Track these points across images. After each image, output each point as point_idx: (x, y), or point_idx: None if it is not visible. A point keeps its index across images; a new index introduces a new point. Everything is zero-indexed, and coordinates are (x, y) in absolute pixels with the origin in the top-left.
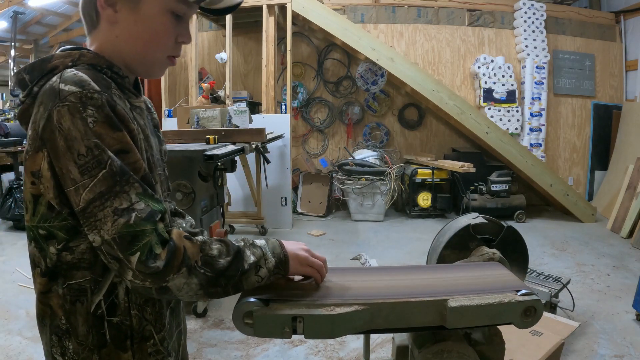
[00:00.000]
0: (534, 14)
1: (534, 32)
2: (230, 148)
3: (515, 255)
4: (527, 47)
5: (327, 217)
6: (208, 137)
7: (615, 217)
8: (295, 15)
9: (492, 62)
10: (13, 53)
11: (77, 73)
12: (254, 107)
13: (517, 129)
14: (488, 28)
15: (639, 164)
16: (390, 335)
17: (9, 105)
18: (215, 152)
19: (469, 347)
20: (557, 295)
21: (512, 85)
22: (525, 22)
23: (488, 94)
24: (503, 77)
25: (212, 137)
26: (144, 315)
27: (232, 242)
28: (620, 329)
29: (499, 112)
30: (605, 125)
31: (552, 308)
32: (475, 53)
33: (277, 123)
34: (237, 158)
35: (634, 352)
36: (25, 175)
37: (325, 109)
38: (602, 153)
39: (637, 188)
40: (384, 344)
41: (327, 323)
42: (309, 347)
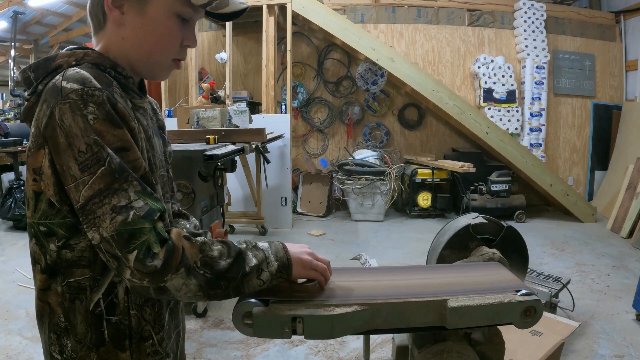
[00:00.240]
0: (534, 14)
1: (534, 32)
2: (230, 148)
3: (515, 255)
4: (527, 47)
5: (327, 217)
6: (208, 137)
7: (615, 217)
8: (295, 15)
9: (492, 62)
10: (13, 53)
11: (79, 71)
12: (254, 107)
13: (517, 129)
14: (488, 28)
15: (639, 164)
16: (390, 336)
17: (9, 105)
18: (215, 152)
19: (469, 347)
20: (557, 295)
21: (512, 85)
22: (525, 22)
23: (488, 94)
24: (503, 77)
25: (212, 137)
26: (143, 316)
27: (234, 243)
28: (620, 329)
29: (499, 112)
30: (605, 125)
31: (552, 308)
32: (475, 53)
33: (277, 123)
34: (237, 158)
35: (634, 352)
36: (28, 172)
37: (325, 109)
38: (602, 153)
39: (637, 188)
40: (384, 344)
41: (326, 323)
42: (309, 347)
